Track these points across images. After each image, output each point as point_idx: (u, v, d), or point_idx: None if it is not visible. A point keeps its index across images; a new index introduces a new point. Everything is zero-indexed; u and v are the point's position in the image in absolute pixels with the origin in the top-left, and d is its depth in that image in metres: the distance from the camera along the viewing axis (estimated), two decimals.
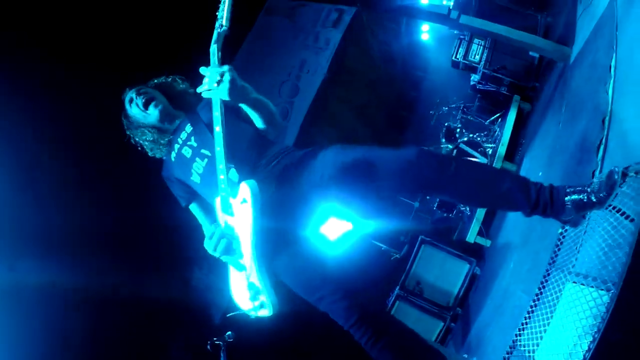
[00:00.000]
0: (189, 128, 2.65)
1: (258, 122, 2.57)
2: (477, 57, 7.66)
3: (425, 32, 10.59)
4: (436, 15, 6.31)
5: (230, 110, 2.42)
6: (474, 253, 6.17)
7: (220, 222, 2.36)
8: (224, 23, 2.26)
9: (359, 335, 2.15)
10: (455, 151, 7.47)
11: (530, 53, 6.98)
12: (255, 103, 2.46)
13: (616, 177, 1.91)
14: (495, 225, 6.36)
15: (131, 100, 2.74)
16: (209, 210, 2.65)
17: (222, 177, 2.23)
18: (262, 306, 2.30)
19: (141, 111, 2.71)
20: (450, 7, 6.41)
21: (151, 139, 2.77)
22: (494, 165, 6.43)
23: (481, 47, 7.64)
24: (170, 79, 2.92)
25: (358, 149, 2.29)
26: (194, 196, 2.70)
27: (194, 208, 2.74)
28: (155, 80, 2.90)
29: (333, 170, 2.23)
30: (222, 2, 2.27)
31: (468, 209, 7.23)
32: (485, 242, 6.19)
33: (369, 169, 2.17)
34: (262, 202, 2.18)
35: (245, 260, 2.28)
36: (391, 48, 10.10)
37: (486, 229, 6.23)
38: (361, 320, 2.13)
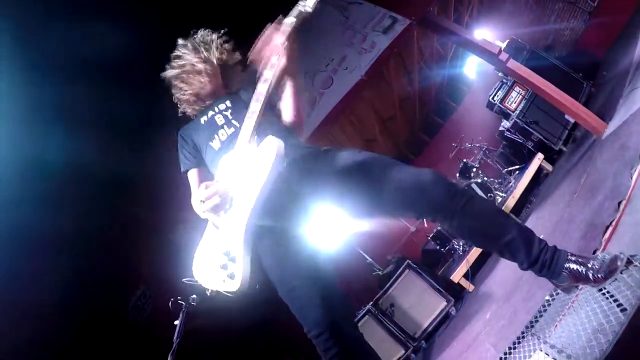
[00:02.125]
0: (228, 103, 2.74)
1: (289, 112, 2.60)
2: (514, 105, 7.61)
3: (471, 65, 10.55)
4: (486, 52, 6.26)
5: (268, 106, 2.45)
6: (454, 293, 6.14)
7: (219, 180, 2.33)
8: (310, 4, 2.36)
9: (324, 347, 2.12)
10: (465, 188, 7.44)
11: (566, 117, 6.93)
12: (299, 87, 2.54)
13: (619, 263, 1.87)
14: (484, 272, 6.35)
15: (195, 69, 2.79)
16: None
17: (246, 132, 2.27)
18: (230, 277, 2.15)
19: (199, 82, 2.80)
20: (502, 49, 6.37)
21: (188, 99, 2.85)
22: None
23: (520, 96, 7.59)
24: (231, 57, 2.93)
25: (375, 155, 2.30)
26: (198, 164, 2.73)
27: (192, 174, 2.74)
28: (221, 53, 2.88)
29: (345, 171, 2.23)
30: None
31: (461, 248, 7.22)
32: (468, 286, 6.17)
33: (381, 177, 2.15)
34: (279, 167, 2.17)
35: (233, 221, 2.19)
36: (432, 70, 10.05)
37: (473, 273, 6.21)
38: (329, 333, 2.10)
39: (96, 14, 4.52)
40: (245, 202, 2.17)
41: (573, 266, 1.95)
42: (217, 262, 2.20)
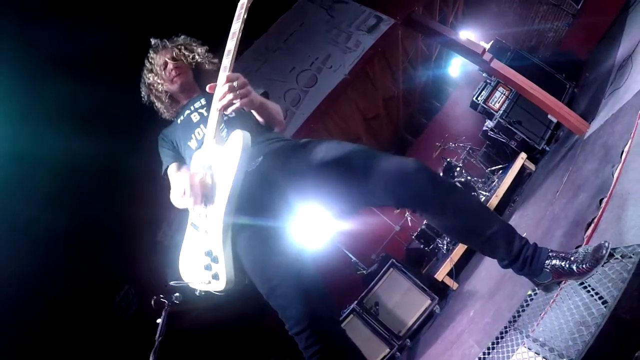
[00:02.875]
0: (202, 100, 2.76)
1: (262, 121, 2.55)
2: (498, 104, 7.67)
3: (455, 66, 10.60)
4: (470, 52, 6.30)
5: None
6: (438, 291, 6.17)
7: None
8: None
9: (305, 344, 2.09)
10: None
11: (549, 117, 6.99)
12: (262, 107, 2.44)
13: (604, 252, 1.87)
14: (467, 270, 6.38)
15: (165, 64, 2.81)
16: None
17: (212, 126, 2.24)
18: (215, 277, 2.13)
19: (168, 77, 2.81)
20: (486, 49, 6.41)
21: (163, 101, 2.89)
22: None
23: (504, 96, 7.65)
24: (203, 56, 2.92)
25: (356, 145, 2.27)
26: (177, 159, 2.75)
27: (171, 169, 2.75)
28: (190, 51, 2.89)
29: (323, 161, 2.21)
30: None
31: (445, 247, 7.25)
32: (452, 285, 6.20)
33: (363, 165, 2.13)
34: (248, 159, 2.13)
35: (210, 220, 2.18)
36: (417, 70, 10.08)
37: (457, 272, 6.24)
38: (311, 329, 2.07)
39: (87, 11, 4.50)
40: (219, 199, 2.15)
41: (555, 262, 1.95)
42: (200, 263, 2.18)
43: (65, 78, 4.38)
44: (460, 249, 6.38)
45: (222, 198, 2.13)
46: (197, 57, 2.88)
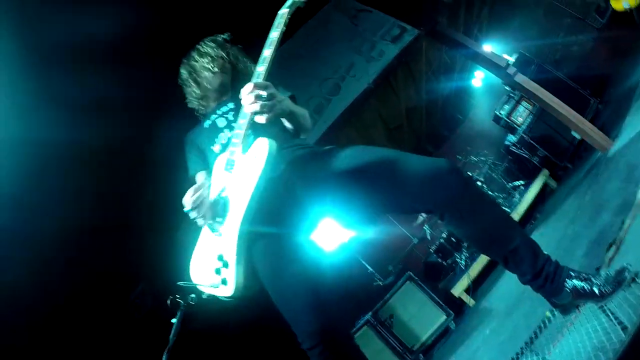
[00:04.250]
0: (232, 105, 2.71)
1: (289, 127, 2.50)
2: (520, 119, 7.60)
3: (479, 78, 10.53)
4: (494, 65, 6.26)
5: None
6: (455, 307, 6.10)
7: (212, 184, 2.30)
8: None
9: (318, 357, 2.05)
10: None
11: (573, 133, 6.89)
12: (292, 115, 2.39)
13: (627, 275, 1.81)
14: (485, 287, 6.30)
15: (213, 60, 2.79)
16: None
17: (239, 132, 2.21)
18: (223, 283, 2.08)
19: (209, 72, 2.78)
20: (510, 63, 6.35)
21: (194, 94, 2.87)
22: None
23: (527, 110, 7.57)
24: (244, 58, 2.95)
25: (382, 149, 2.22)
26: (204, 167, 2.69)
27: (199, 178, 2.70)
28: (236, 52, 2.94)
29: (347, 168, 2.17)
30: None
31: (463, 262, 7.16)
32: (469, 301, 6.12)
33: (394, 166, 2.09)
34: (271, 168, 2.11)
35: (226, 225, 2.14)
36: (440, 82, 10.01)
37: (474, 288, 6.17)
38: (323, 345, 2.03)
39: None
40: (238, 206, 2.12)
41: (576, 282, 1.90)
42: (211, 266, 2.15)
43: (82, 66, 4.37)
44: (479, 264, 6.31)
45: (241, 205, 2.10)
46: (240, 65, 2.92)
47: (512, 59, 7.69)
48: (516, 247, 1.97)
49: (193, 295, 3.41)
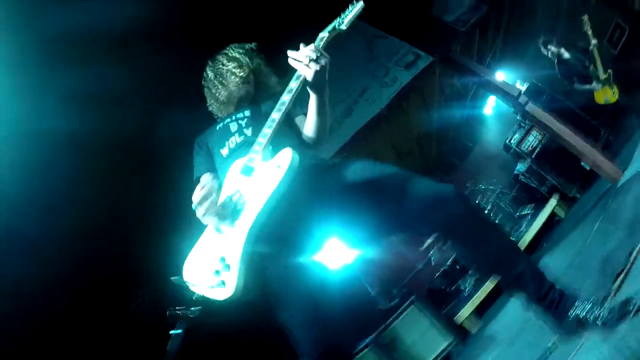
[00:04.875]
0: (247, 112, 2.78)
1: (310, 128, 2.59)
2: (530, 148, 7.57)
3: (490, 106, 10.53)
4: (505, 94, 6.29)
5: (285, 118, 2.47)
6: (458, 333, 6.03)
7: (224, 185, 2.34)
8: (345, 23, 2.48)
9: None
10: None
11: (582, 163, 6.87)
12: (324, 105, 2.49)
13: (631, 308, 1.80)
14: (489, 315, 6.23)
15: (240, 66, 2.86)
16: None
17: (262, 140, 2.28)
18: (221, 284, 2.08)
19: (236, 77, 2.83)
20: (522, 92, 6.37)
21: (217, 98, 2.92)
22: None
23: (537, 140, 7.54)
24: (267, 68, 3.04)
25: (393, 166, 2.28)
26: (209, 170, 2.75)
27: (203, 178, 2.73)
28: (260, 62, 3.02)
29: (356, 180, 2.22)
30: (351, 6, 2.48)
31: (467, 288, 7.11)
32: (472, 328, 6.06)
33: (400, 187, 2.13)
34: (290, 180, 2.14)
35: (235, 228, 2.15)
36: (452, 109, 10.03)
37: (478, 315, 6.11)
38: None
39: None
40: (251, 210, 2.14)
41: (580, 312, 1.89)
42: (210, 267, 2.14)
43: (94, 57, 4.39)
44: (483, 291, 6.26)
45: (254, 210, 2.13)
46: (263, 77, 3.00)
47: (523, 88, 7.69)
48: (520, 273, 2.00)
49: (194, 308, 3.42)
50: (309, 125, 2.58)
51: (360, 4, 2.48)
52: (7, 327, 4.42)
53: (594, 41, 6.72)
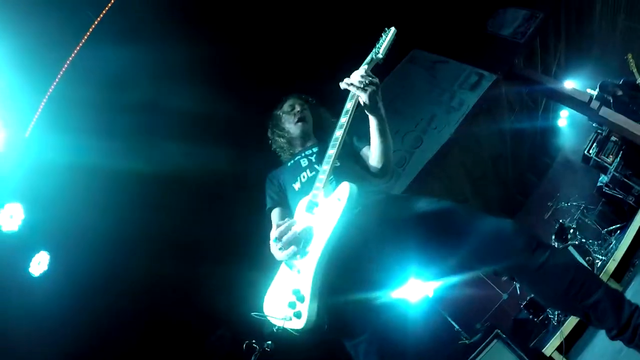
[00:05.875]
0: (315, 149, 2.96)
1: (376, 155, 2.66)
2: (611, 157, 7.06)
3: (564, 117, 10.14)
4: (576, 102, 5.93)
5: (350, 154, 2.79)
6: None
7: (296, 222, 2.38)
8: (381, 52, 2.54)
9: None
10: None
11: None
12: (383, 125, 2.55)
13: None
14: (579, 346, 5.72)
15: (293, 107, 3.16)
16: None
17: (322, 177, 2.40)
18: (296, 316, 2.16)
19: (292, 120, 3.10)
20: (593, 97, 5.94)
21: (281, 141, 3.16)
22: None
23: (617, 146, 7.04)
24: (323, 111, 3.30)
25: (455, 204, 2.29)
26: (281, 203, 2.88)
27: (274, 213, 2.87)
28: (311, 100, 3.31)
29: (423, 214, 2.24)
30: (384, 34, 2.57)
31: (555, 318, 6.61)
32: None
33: (461, 225, 2.15)
34: (351, 211, 2.22)
35: (305, 261, 2.23)
36: (523, 125, 9.69)
37: (568, 346, 5.61)
38: None
39: None
40: (317, 243, 2.23)
41: None
42: (285, 300, 2.24)
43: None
44: (572, 320, 5.77)
45: (320, 243, 2.22)
46: (320, 111, 3.24)
47: (594, 92, 7.22)
48: (596, 301, 1.83)
49: (270, 343, 3.48)
50: (374, 153, 2.66)
51: (392, 30, 2.58)
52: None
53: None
